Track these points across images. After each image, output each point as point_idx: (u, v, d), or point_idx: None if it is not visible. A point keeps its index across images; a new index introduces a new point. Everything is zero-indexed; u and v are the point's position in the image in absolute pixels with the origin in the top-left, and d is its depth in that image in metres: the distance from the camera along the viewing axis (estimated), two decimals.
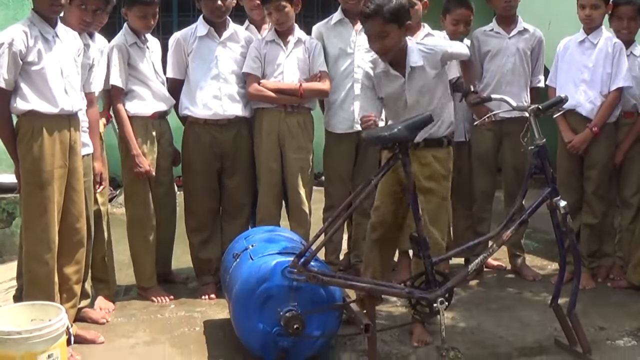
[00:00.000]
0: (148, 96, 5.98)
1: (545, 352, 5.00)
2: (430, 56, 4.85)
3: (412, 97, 4.99)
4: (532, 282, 6.54)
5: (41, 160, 4.68)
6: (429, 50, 4.85)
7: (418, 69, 4.86)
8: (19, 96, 4.66)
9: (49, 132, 4.71)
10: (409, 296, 4.72)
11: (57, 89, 4.74)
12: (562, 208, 4.69)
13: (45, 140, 4.69)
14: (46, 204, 4.72)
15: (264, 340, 4.62)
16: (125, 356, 4.96)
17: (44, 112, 4.69)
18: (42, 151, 4.68)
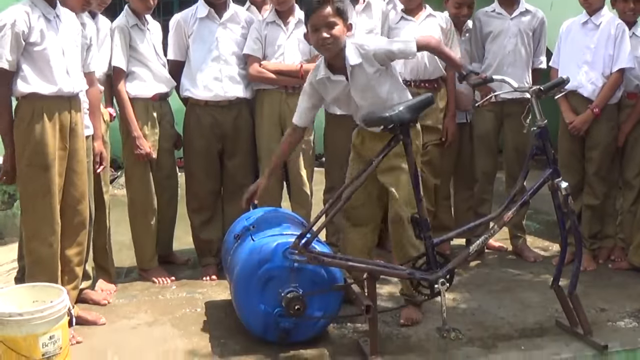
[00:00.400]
0: (149, 78, 5.97)
1: (546, 333, 5.00)
2: (365, 54, 4.81)
3: (358, 96, 4.94)
4: (533, 263, 6.56)
5: (43, 142, 4.65)
6: (362, 49, 4.79)
7: (357, 67, 4.81)
8: (20, 78, 4.62)
9: (50, 114, 4.68)
10: (410, 277, 4.72)
11: (59, 70, 4.71)
12: (563, 189, 4.68)
13: (46, 123, 4.66)
14: (49, 185, 4.70)
15: (265, 321, 4.64)
16: (127, 337, 4.96)
17: (46, 94, 4.66)
18: (44, 133, 4.66)
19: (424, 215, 4.62)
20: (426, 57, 6.23)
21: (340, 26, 4.73)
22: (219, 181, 6.35)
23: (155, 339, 4.92)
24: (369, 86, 4.85)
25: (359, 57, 4.77)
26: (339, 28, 4.73)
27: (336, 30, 4.72)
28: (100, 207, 5.64)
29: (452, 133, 6.46)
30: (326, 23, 4.70)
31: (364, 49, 4.77)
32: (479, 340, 4.88)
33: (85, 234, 5.07)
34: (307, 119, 5.14)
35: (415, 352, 4.72)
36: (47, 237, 4.75)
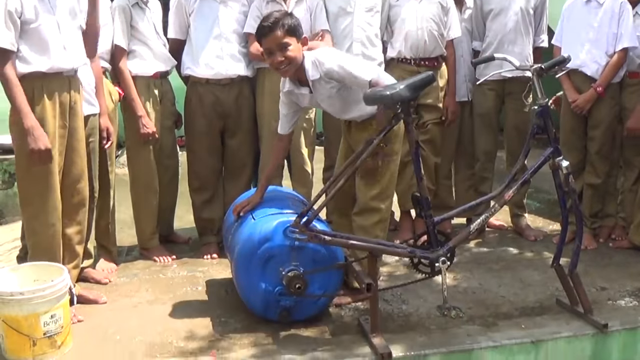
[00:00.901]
0: (149, 56, 5.95)
1: (546, 312, 5.00)
2: (322, 70, 4.78)
3: (325, 104, 4.94)
4: (534, 242, 6.56)
5: (44, 121, 4.61)
6: (320, 65, 4.75)
7: (317, 82, 4.79)
8: (18, 58, 4.55)
9: (49, 92, 4.64)
10: (411, 256, 4.71)
11: (56, 46, 4.64)
12: (564, 168, 4.66)
13: (46, 101, 4.62)
14: (51, 166, 4.67)
15: (266, 300, 4.64)
16: (128, 316, 4.96)
17: (44, 72, 4.61)
18: (44, 112, 4.62)
19: (425, 193, 4.60)
20: (426, 34, 6.22)
21: (293, 45, 4.68)
22: (220, 160, 6.34)
23: (156, 318, 4.92)
24: (333, 96, 4.82)
25: (318, 73, 4.74)
26: (293, 47, 4.68)
27: (290, 51, 4.67)
28: (104, 187, 5.64)
29: (453, 112, 6.46)
30: (278, 46, 4.67)
31: (321, 65, 4.72)
32: (480, 319, 4.89)
33: (85, 213, 5.06)
34: (290, 125, 5.10)
35: (416, 330, 4.73)
36: (48, 216, 4.73)
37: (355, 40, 6.13)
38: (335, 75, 4.69)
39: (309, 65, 4.74)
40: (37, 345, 4.24)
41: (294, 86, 4.89)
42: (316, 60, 4.73)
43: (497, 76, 5.95)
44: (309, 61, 4.75)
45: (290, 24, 4.66)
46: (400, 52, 6.29)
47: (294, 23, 4.69)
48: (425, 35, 6.22)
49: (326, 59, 4.73)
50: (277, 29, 4.63)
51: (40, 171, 4.64)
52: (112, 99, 5.68)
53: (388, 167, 4.88)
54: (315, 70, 4.72)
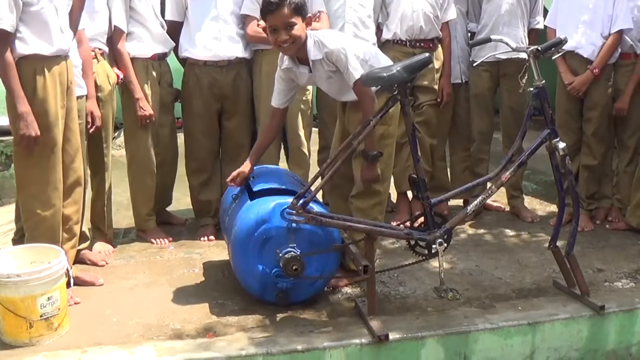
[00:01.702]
0: (147, 38, 5.92)
1: (543, 294, 5.01)
2: (326, 54, 4.75)
3: (324, 85, 4.95)
4: (531, 223, 6.56)
5: (46, 101, 4.60)
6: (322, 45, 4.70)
7: (318, 62, 4.76)
8: (18, 39, 4.54)
9: (50, 73, 4.63)
10: (408, 237, 4.71)
11: (55, 29, 4.64)
12: (561, 150, 4.65)
13: (48, 82, 4.61)
14: (52, 145, 4.67)
15: (263, 282, 4.64)
16: (125, 298, 4.95)
17: (45, 54, 4.60)
18: (46, 93, 4.60)
19: (422, 175, 4.58)
20: (422, 17, 6.20)
21: (298, 24, 4.63)
22: (217, 142, 6.33)
23: (153, 300, 4.91)
24: (333, 77, 4.80)
25: (320, 53, 4.72)
26: (298, 27, 4.63)
27: (296, 30, 4.63)
28: (100, 169, 5.64)
29: (448, 93, 6.46)
30: (284, 24, 4.61)
31: (323, 46, 4.69)
32: (477, 301, 4.89)
33: (81, 192, 5.06)
34: (285, 100, 5.07)
35: (413, 312, 4.73)
36: (49, 197, 4.72)
37: (347, 22, 6.09)
38: (334, 59, 4.67)
39: (311, 45, 4.72)
40: (33, 327, 4.22)
41: (293, 64, 4.86)
42: (319, 41, 4.70)
43: (492, 58, 5.93)
44: (311, 40, 4.72)
45: (297, 2, 4.60)
46: (396, 34, 6.27)
47: (301, 2, 4.63)
48: (420, 17, 6.20)
49: (329, 40, 4.70)
50: (284, 6, 4.57)
51: (42, 151, 4.63)
52: (110, 82, 5.64)
53: (384, 149, 4.87)
54: (317, 51, 4.71)
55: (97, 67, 5.52)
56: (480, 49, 6.36)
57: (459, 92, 6.69)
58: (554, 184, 5.01)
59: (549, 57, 5.45)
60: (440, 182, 6.76)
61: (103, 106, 5.51)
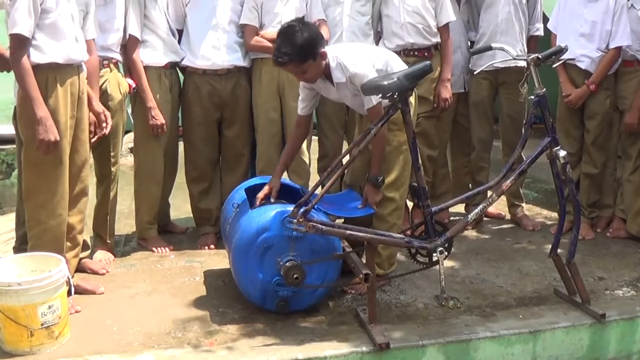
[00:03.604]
0: (160, 46, 5.92)
1: (544, 302, 5.02)
2: (349, 78, 4.79)
3: (349, 100, 5.00)
4: (532, 232, 6.56)
5: (57, 111, 4.60)
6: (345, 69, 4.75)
7: (342, 84, 4.83)
8: (33, 47, 4.54)
9: (62, 83, 4.64)
10: (409, 246, 4.72)
11: (70, 38, 4.67)
12: (561, 158, 4.66)
13: (59, 92, 4.62)
14: (61, 156, 4.67)
15: (263, 290, 4.64)
16: (126, 306, 4.96)
17: (60, 63, 4.61)
18: (57, 103, 4.61)
19: (422, 183, 4.60)
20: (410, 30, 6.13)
21: (310, 68, 4.72)
22: (217, 150, 6.33)
23: (153, 308, 4.92)
24: (358, 95, 4.83)
25: (343, 77, 4.78)
26: (312, 69, 4.72)
27: (309, 74, 4.76)
28: (106, 178, 5.66)
29: (444, 99, 6.26)
30: (297, 73, 4.77)
31: (347, 69, 4.74)
32: (478, 309, 4.90)
33: (86, 202, 5.08)
34: (309, 107, 5.16)
35: (413, 320, 4.73)
36: (56, 207, 4.72)
37: (345, 30, 6.10)
38: (356, 82, 4.70)
39: (334, 67, 4.78)
40: (34, 335, 4.23)
41: (321, 80, 4.92)
42: (342, 64, 4.75)
43: (491, 67, 5.92)
44: (334, 63, 4.79)
45: (300, 54, 4.63)
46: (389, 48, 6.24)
47: (304, 50, 4.64)
48: (410, 31, 6.12)
49: (351, 63, 4.75)
50: (289, 63, 4.66)
51: (50, 161, 4.63)
52: (121, 91, 5.65)
53: (400, 155, 4.89)
54: (341, 74, 4.77)
55: (109, 76, 5.54)
56: (478, 58, 6.36)
57: (461, 101, 6.68)
58: (554, 192, 5.02)
59: (550, 65, 5.46)
60: (441, 188, 6.76)
61: (113, 115, 5.49)
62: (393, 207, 5.03)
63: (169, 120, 5.95)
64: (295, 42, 4.59)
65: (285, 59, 4.63)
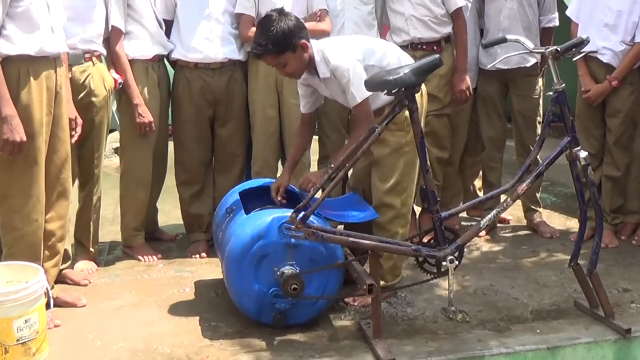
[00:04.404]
0: (146, 37, 5.92)
1: (563, 316, 4.98)
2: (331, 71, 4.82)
3: (340, 98, 5.01)
4: (550, 239, 6.54)
5: (30, 107, 4.56)
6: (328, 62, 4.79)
7: (328, 79, 4.86)
8: (4, 37, 4.49)
9: (36, 76, 4.58)
10: (416, 254, 4.69)
11: (45, 28, 4.61)
12: (582, 159, 4.63)
13: (33, 86, 4.57)
14: (36, 156, 4.62)
15: (259, 302, 4.62)
16: (110, 320, 4.94)
17: (32, 55, 4.56)
18: (30, 98, 4.56)
19: (431, 187, 4.57)
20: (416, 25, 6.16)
21: (290, 60, 4.81)
22: (209, 150, 6.33)
23: (139, 322, 4.90)
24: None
25: (328, 71, 4.82)
26: (290, 62, 4.82)
27: (289, 67, 4.85)
28: (89, 180, 5.64)
29: (461, 90, 6.29)
30: (276, 65, 4.87)
31: (329, 62, 4.79)
32: (491, 323, 4.87)
33: (67, 207, 5.03)
34: (309, 104, 5.21)
35: (421, 335, 4.71)
36: (31, 212, 4.68)
37: (347, 20, 6.11)
38: (337, 75, 4.75)
39: (319, 62, 4.83)
40: (9, 352, 4.19)
41: (310, 75, 4.96)
42: (325, 57, 4.79)
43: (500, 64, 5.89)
44: (319, 56, 4.83)
45: (277, 44, 4.72)
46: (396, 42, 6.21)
47: (282, 38, 4.73)
48: (414, 26, 6.15)
49: (334, 55, 4.79)
50: (266, 54, 4.80)
51: (24, 161, 4.58)
52: (106, 86, 5.63)
53: (400, 158, 4.87)
54: (325, 68, 4.81)
55: (92, 70, 5.52)
56: (484, 55, 6.38)
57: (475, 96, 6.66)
58: (574, 196, 5.02)
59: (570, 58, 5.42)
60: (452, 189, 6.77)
61: (97, 112, 5.51)
62: (392, 215, 5.00)
63: (157, 118, 5.93)
64: (272, 33, 4.71)
65: (261, 50, 4.76)
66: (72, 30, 5.24)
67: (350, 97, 4.78)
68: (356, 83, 4.72)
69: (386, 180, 4.95)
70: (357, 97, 4.75)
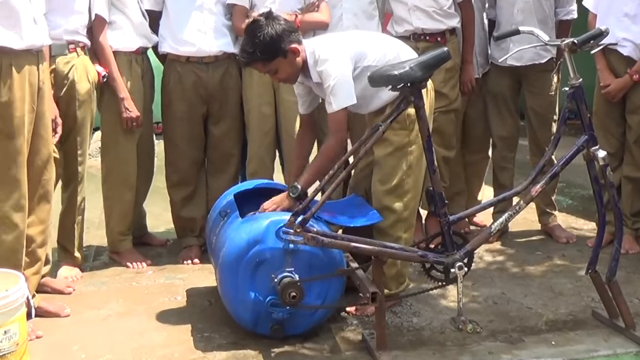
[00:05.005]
0: (129, 28, 5.92)
1: (580, 326, 4.97)
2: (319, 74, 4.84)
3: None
4: (566, 244, 6.54)
5: (11, 105, 4.53)
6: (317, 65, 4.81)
7: (320, 83, 4.86)
8: None
9: (18, 71, 4.55)
10: (423, 260, 4.69)
11: (26, 19, 4.57)
12: (600, 159, 4.62)
13: (15, 82, 4.53)
14: (16, 156, 4.59)
15: (255, 311, 4.62)
16: (95, 330, 4.94)
17: (14, 48, 4.52)
18: (11, 94, 4.52)
19: (438, 188, 4.56)
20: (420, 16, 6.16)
21: (281, 66, 4.82)
22: (202, 150, 6.33)
23: (127, 333, 4.90)
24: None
25: (318, 77, 4.84)
26: (281, 68, 4.84)
27: (281, 73, 4.88)
28: (72, 180, 5.63)
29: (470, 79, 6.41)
30: (267, 72, 4.91)
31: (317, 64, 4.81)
32: (503, 334, 4.86)
33: (49, 210, 5.01)
34: (307, 105, 5.22)
35: (428, 346, 4.71)
36: (11, 215, 4.66)
37: (345, 11, 6.10)
38: (323, 78, 4.78)
39: (312, 65, 4.84)
40: None
41: (305, 78, 4.97)
42: (316, 60, 4.81)
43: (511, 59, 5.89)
44: (312, 59, 4.84)
45: (266, 49, 4.74)
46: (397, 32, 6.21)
47: (270, 44, 4.74)
48: (417, 16, 6.15)
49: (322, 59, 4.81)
50: (255, 62, 4.84)
51: (3, 163, 4.57)
52: (89, 79, 5.63)
53: (403, 158, 4.86)
54: (316, 75, 4.84)
55: (76, 62, 5.52)
56: (495, 48, 6.41)
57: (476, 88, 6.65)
58: (592, 198, 5.01)
59: (588, 51, 5.40)
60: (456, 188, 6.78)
61: (80, 106, 5.51)
62: (394, 219, 4.98)
63: (141, 113, 5.92)
64: (259, 39, 4.72)
65: (248, 58, 4.80)
66: (56, 21, 5.26)
67: (327, 103, 4.79)
68: (337, 90, 4.73)
69: (387, 181, 4.93)
70: (334, 104, 4.74)
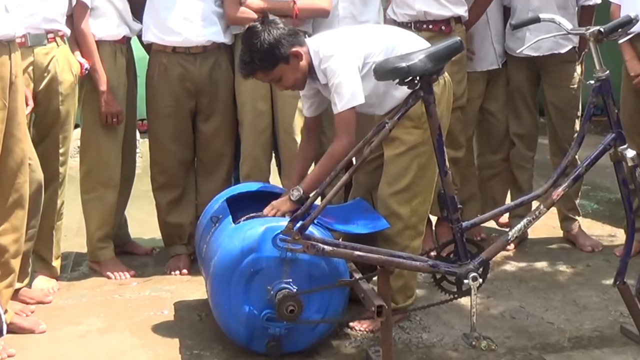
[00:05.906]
0: (113, 15, 5.95)
1: (607, 344, 4.97)
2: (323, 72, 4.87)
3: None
4: (591, 253, 6.56)
5: None
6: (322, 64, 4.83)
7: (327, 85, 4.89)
8: None
9: None
10: (433, 270, 4.69)
11: None
12: (629, 159, 4.62)
13: None
14: None
15: (250, 326, 4.62)
16: (73, 348, 4.93)
17: None
18: None
19: (450, 191, 4.57)
20: None
21: (284, 73, 4.85)
22: (191, 150, 6.34)
23: (109, 351, 4.90)
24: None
25: (324, 78, 4.86)
26: (284, 75, 4.86)
27: (286, 80, 4.90)
28: (52, 181, 5.61)
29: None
30: (270, 81, 4.98)
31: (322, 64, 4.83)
32: (522, 351, 4.87)
33: (23, 217, 4.96)
34: (314, 107, 5.21)
35: None
36: None
37: (340, 0, 6.13)
38: (328, 76, 4.79)
39: (318, 66, 4.86)
40: None
41: (312, 80, 4.99)
42: (321, 59, 4.83)
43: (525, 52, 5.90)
44: (317, 60, 4.86)
45: (265, 58, 4.76)
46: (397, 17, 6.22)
47: (270, 51, 4.76)
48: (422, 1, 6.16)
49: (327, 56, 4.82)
50: (255, 72, 4.85)
51: None
52: (72, 71, 5.65)
53: (415, 159, 4.88)
54: (323, 77, 4.86)
55: (57, 52, 5.54)
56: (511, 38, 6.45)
57: (493, 82, 6.66)
58: (620, 203, 5.01)
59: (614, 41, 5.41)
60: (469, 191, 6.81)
61: (63, 101, 5.54)
62: (401, 226, 4.99)
63: (124, 109, 5.94)
64: (256, 47, 4.75)
65: (248, 69, 4.83)
66: (32, 8, 5.27)
67: (333, 104, 4.81)
68: (341, 88, 4.74)
69: (395, 183, 4.94)
70: (339, 105, 4.75)
